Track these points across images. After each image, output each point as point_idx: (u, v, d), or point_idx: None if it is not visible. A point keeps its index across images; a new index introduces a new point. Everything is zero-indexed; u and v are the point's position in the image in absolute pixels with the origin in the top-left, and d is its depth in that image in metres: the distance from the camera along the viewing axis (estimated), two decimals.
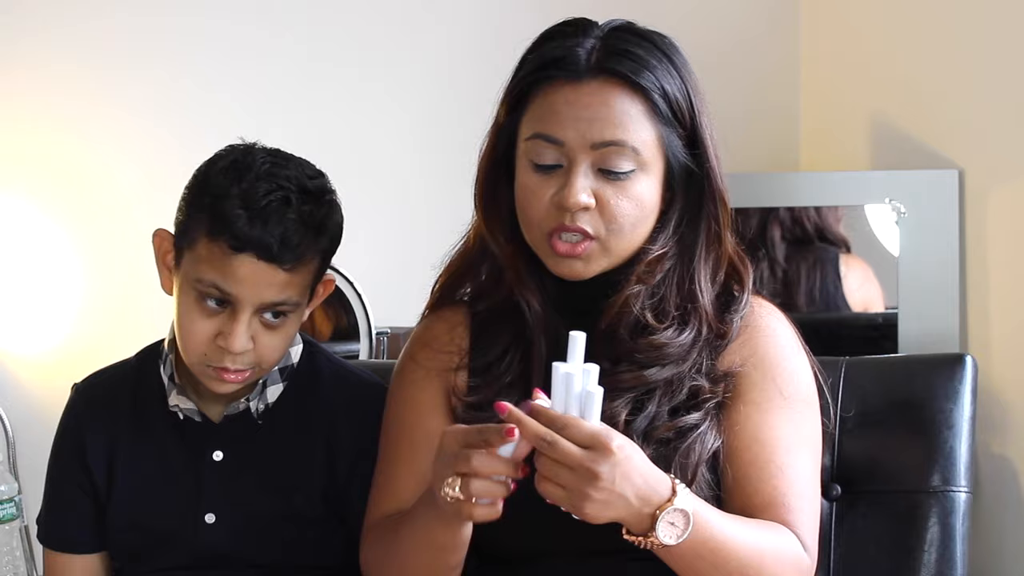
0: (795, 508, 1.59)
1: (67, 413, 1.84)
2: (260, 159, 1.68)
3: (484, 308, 1.70)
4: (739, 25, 2.94)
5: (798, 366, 1.67)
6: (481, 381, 1.66)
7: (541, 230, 1.61)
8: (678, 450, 1.57)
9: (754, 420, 1.61)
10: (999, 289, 2.55)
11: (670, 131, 1.63)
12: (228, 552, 1.74)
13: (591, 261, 1.61)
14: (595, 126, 1.59)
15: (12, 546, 2.30)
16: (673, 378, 1.61)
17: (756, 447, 1.60)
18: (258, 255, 1.64)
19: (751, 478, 1.59)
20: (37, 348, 2.58)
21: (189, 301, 1.68)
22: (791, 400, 1.63)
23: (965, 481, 1.82)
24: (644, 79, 1.61)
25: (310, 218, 1.67)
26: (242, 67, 2.67)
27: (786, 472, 1.60)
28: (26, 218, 2.57)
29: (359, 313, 2.57)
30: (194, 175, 1.72)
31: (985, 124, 2.57)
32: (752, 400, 1.62)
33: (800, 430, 1.63)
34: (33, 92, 2.56)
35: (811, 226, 2.68)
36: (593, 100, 1.60)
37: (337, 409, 1.77)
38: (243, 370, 1.69)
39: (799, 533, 1.58)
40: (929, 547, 1.81)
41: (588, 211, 1.59)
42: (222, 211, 1.65)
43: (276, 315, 1.69)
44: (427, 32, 2.79)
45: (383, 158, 2.76)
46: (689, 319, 1.64)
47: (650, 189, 1.62)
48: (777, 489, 1.59)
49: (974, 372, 1.88)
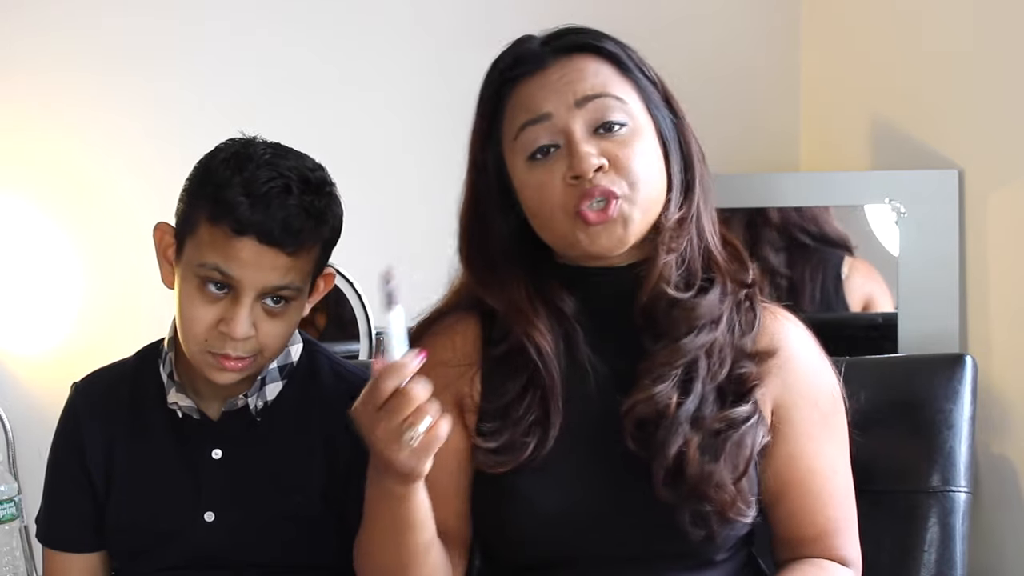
0: (845, 532, 1.63)
1: (66, 412, 1.84)
2: (261, 150, 1.70)
3: (500, 348, 1.66)
4: (739, 25, 2.94)
5: (828, 377, 1.68)
6: (501, 424, 1.62)
7: (566, 213, 1.59)
8: (729, 439, 1.56)
9: (809, 451, 1.63)
10: (999, 289, 2.54)
11: (646, 86, 1.64)
12: (228, 551, 1.74)
13: (628, 222, 1.59)
14: (574, 87, 1.60)
15: (12, 546, 2.30)
16: (712, 346, 1.60)
17: (812, 477, 1.62)
18: (259, 239, 1.64)
19: (807, 510, 1.62)
20: (37, 348, 2.58)
21: (191, 288, 1.68)
22: (830, 416, 1.65)
23: (965, 481, 1.83)
24: (604, 43, 1.64)
25: (311, 207, 1.67)
26: (241, 69, 2.67)
27: (837, 499, 1.63)
28: (26, 219, 2.57)
29: (359, 313, 2.57)
30: (195, 167, 1.73)
31: (985, 124, 2.56)
32: (804, 431, 1.63)
33: (841, 442, 1.66)
34: (33, 94, 2.56)
35: (813, 227, 2.68)
36: (564, 72, 1.61)
37: (336, 408, 1.76)
38: (244, 357, 1.69)
39: (849, 555, 1.63)
40: (929, 547, 1.81)
41: (603, 171, 1.58)
42: (224, 198, 1.65)
43: (277, 300, 1.68)
44: (425, 32, 2.79)
45: (383, 158, 2.76)
46: (714, 278, 1.64)
47: (649, 145, 1.62)
48: (830, 520, 1.63)
49: (974, 372, 1.88)
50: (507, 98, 1.64)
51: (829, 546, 1.63)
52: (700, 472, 1.53)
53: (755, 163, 2.87)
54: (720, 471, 1.54)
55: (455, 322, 1.70)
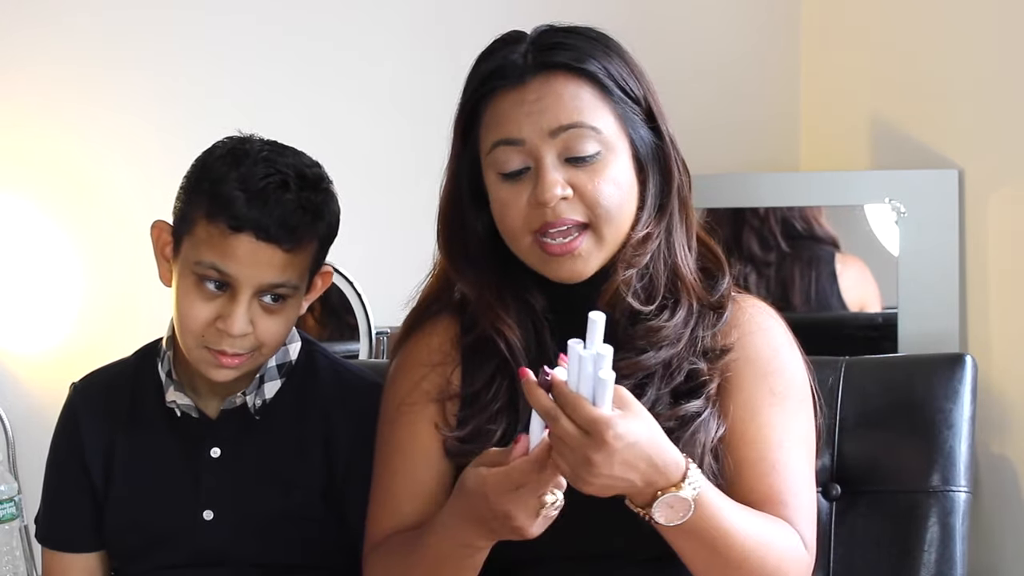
0: (792, 505, 1.59)
1: (65, 411, 1.84)
2: (258, 147, 1.70)
3: (471, 337, 1.68)
4: (740, 26, 2.94)
5: (790, 363, 1.66)
6: (469, 412, 1.65)
7: (528, 237, 1.61)
8: (681, 439, 1.56)
9: (744, 418, 1.61)
10: (999, 289, 2.54)
11: (626, 108, 1.63)
12: (228, 550, 1.74)
13: (589, 257, 1.61)
14: (548, 115, 1.59)
15: (12, 546, 2.30)
16: (671, 359, 1.61)
17: (747, 445, 1.61)
18: (256, 235, 1.64)
19: (745, 475, 1.60)
20: (37, 348, 2.58)
21: (188, 285, 1.68)
22: (782, 398, 1.63)
23: (965, 481, 1.82)
24: (586, 64, 1.62)
25: (308, 203, 1.67)
26: (242, 67, 2.67)
27: (779, 469, 1.60)
28: (26, 218, 2.57)
29: (359, 313, 2.57)
30: (192, 164, 1.73)
31: (985, 124, 2.56)
32: (743, 398, 1.62)
33: (791, 427, 1.63)
34: (32, 92, 2.56)
35: (802, 225, 2.68)
36: (541, 93, 1.60)
37: (334, 407, 1.77)
38: (241, 354, 1.69)
39: (798, 529, 1.58)
40: (929, 547, 1.81)
41: (568, 201, 1.59)
42: (220, 193, 1.65)
43: (275, 298, 1.69)
44: (425, 32, 2.79)
45: (383, 158, 2.76)
46: (680, 297, 1.64)
47: (622, 169, 1.62)
48: (772, 487, 1.59)
49: (974, 372, 1.88)
50: (485, 107, 1.63)
51: (778, 517, 1.58)
52: None
53: (755, 163, 2.87)
54: None
55: (434, 322, 1.71)
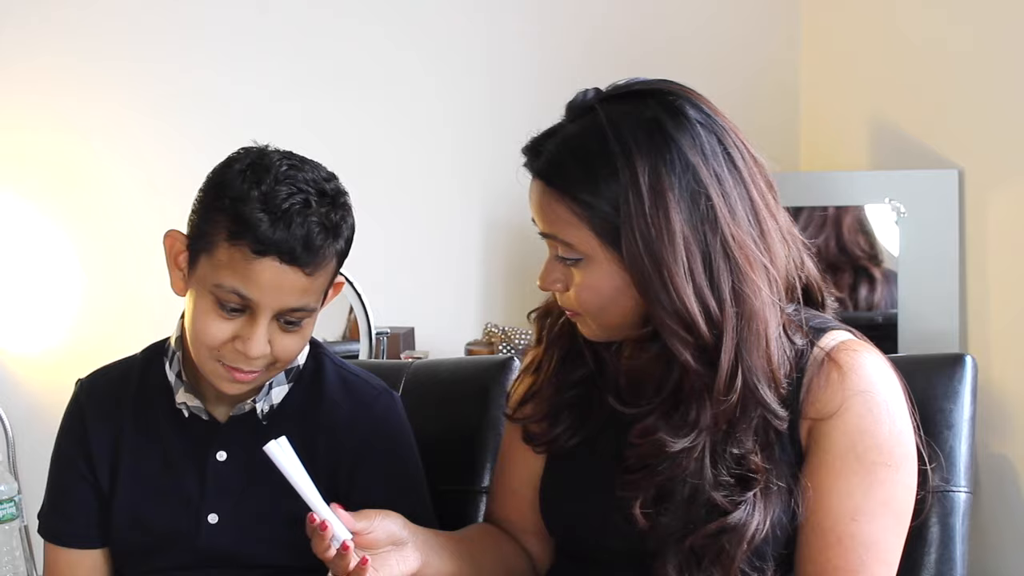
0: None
1: (71, 408, 1.83)
2: (277, 161, 1.67)
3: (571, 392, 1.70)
4: (740, 26, 2.94)
5: (887, 431, 1.57)
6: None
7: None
8: (711, 550, 1.54)
9: (825, 485, 1.56)
10: (999, 289, 2.55)
11: (614, 224, 1.54)
12: (231, 553, 1.74)
13: (589, 329, 1.62)
14: (536, 216, 1.59)
15: (12, 546, 2.30)
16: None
17: (819, 515, 1.56)
18: (281, 258, 1.63)
19: (811, 545, 1.56)
20: (37, 347, 2.58)
21: (206, 305, 1.67)
22: (870, 464, 1.56)
23: (965, 481, 1.82)
24: (565, 185, 1.56)
25: (328, 220, 1.66)
26: (244, 68, 2.67)
27: (845, 543, 1.55)
28: (26, 218, 2.57)
29: (359, 313, 2.57)
30: (209, 178, 1.70)
31: (985, 124, 2.57)
32: (826, 462, 1.56)
33: (874, 495, 1.56)
34: (33, 92, 2.56)
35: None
36: (532, 196, 1.59)
37: (341, 411, 1.76)
38: (256, 371, 1.69)
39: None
40: (929, 547, 1.80)
41: (559, 293, 1.61)
42: (243, 214, 1.63)
43: (293, 321, 1.68)
44: (429, 38, 2.79)
45: (382, 159, 2.76)
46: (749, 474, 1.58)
47: (603, 276, 1.56)
48: (830, 561, 1.55)
49: (974, 372, 1.88)
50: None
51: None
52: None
53: None
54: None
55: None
